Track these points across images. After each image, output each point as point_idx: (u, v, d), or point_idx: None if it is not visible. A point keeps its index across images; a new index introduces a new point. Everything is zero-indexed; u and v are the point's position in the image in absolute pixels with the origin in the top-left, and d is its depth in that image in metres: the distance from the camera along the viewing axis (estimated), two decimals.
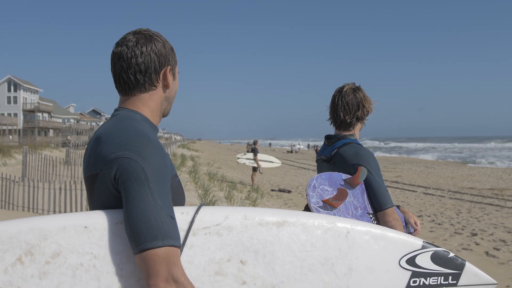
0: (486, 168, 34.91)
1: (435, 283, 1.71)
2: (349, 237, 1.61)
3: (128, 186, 1.35)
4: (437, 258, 1.72)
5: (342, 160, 2.37)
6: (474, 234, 9.33)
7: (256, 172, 18.14)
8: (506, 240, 8.82)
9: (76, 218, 1.39)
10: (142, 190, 1.33)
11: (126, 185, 1.35)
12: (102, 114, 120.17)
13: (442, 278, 1.73)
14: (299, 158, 47.79)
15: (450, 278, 1.74)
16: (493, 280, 1.85)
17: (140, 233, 1.30)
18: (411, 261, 1.68)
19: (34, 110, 74.98)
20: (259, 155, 18.43)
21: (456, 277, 1.75)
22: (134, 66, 1.53)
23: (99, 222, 1.38)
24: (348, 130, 2.52)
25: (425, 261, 1.70)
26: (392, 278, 1.65)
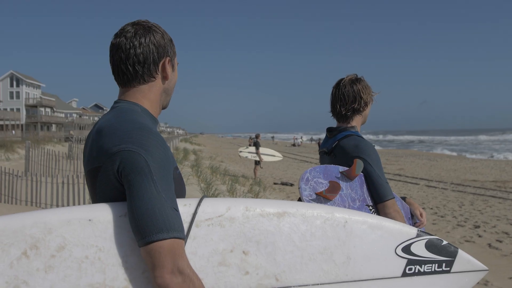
0: (489, 160, 34.87)
1: (430, 270, 1.75)
2: (347, 226, 1.64)
3: (132, 179, 1.36)
4: (431, 246, 1.76)
5: (343, 152, 2.38)
6: (476, 226, 9.33)
7: (258, 165, 18.18)
8: (508, 232, 8.82)
9: (80, 211, 1.40)
10: (146, 183, 1.35)
11: (129, 178, 1.36)
12: (104, 108, 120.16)
13: (436, 265, 1.77)
14: (302, 152, 47.77)
15: (444, 265, 1.78)
16: (484, 266, 1.89)
17: (145, 225, 1.31)
18: (407, 249, 1.72)
19: (37, 105, 75.02)
20: (261, 149, 18.46)
21: (449, 264, 1.79)
22: (132, 57, 1.53)
23: (103, 215, 1.40)
24: (347, 122, 2.51)
25: (420, 249, 1.74)
26: (388, 266, 1.69)
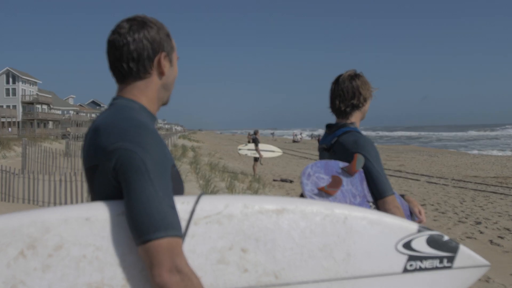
0: (490, 156, 34.94)
1: (431, 266, 1.74)
2: (346, 222, 1.63)
3: (128, 177, 1.35)
4: (432, 241, 1.75)
5: (342, 148, 2.37)
6: (478, 223, 9.34)
7: (257, 162, 18.18)
8: (510, 228, 8.84)
9: (77, 210, 1.39)
10: (143, 181, 1.34)
11: (126, 176, 1.35)
12: (101, 105, 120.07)
13: (438, 261, 1.75)
14: (301, 148, 47.80)
15: (445, 260, 1.77)
16: (486, 262, 1.88)
17: (142, 224, 1.31)
18: (407, 245, 1.70)
19: (33, 102, 74.95)
20: (260, 145, 18.46)
21: (450, 259, 1.78)
22: (126, 54, 1.51)
23: (101, 214, 1.39)
24: (346, 118, 2.50)
25: (421, 244, 1.72)
26: (389, 262, 1.67)
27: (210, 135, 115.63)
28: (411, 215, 2.58)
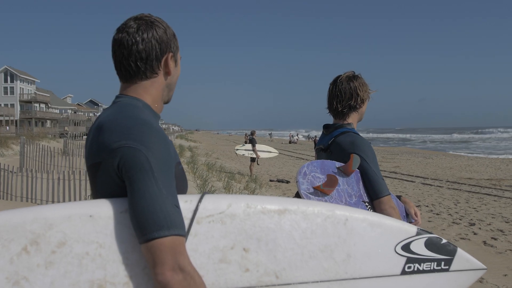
0: (484, 158, 35.05)
1: (429, 269, 1.76)
2: (347, 224, 1.64)
3: (132, 175, 1.35)
4: (430, 244, 1.76)
5: (339, 149, 2.38)
6: (472, 224, 9.37)
7: (254, 162, 18.19)
8: (503, 229, 8.87)
9: (81, 207, 1.40)
10: (147, 179, 1.34)
11: (130, 174, 1.35)
12: (99, 104, 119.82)
13: (435, 263, 1.77)
14: (297, 149, 47.80)
15: (443, 263, 1.78)
16: (483, 265, 1.90)
17: (145, 222, 1.31)
18: (406, 247, 1.72)
19: (31, 100, 74.77)
20: (257, 146, 18.48)
21: (448, 262, 1.79)
22: (135, 54, 1.51)
23: (104, 211, 1.39)
24: (343, 119, 2.51)
25: (419, 247, 1.74)
26: (388, 264, 1.69)
27: (207, 135, 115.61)
28: (407, 217, 2.59)
